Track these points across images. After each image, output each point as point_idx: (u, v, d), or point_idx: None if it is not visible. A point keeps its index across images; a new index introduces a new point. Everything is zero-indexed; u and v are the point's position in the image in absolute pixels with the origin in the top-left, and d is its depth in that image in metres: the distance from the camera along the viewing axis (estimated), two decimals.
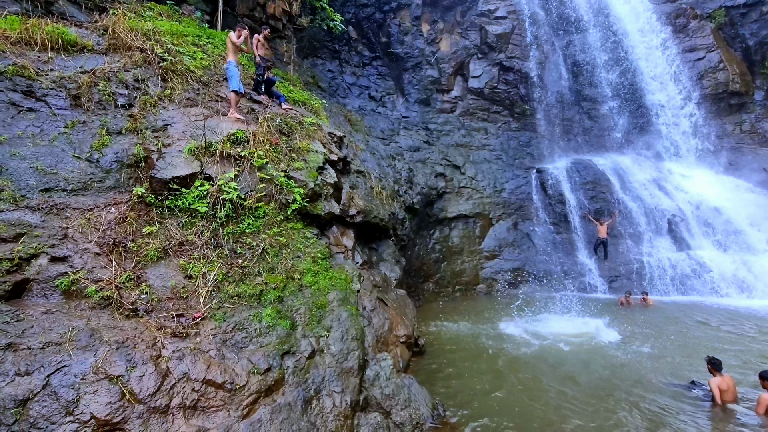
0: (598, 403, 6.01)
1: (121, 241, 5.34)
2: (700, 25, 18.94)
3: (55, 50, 7.22)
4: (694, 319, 10.87)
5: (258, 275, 5.76)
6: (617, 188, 16.79)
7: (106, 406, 3.58)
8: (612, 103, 19.57)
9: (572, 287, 15.32)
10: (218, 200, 6.24)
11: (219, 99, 8.60)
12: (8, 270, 4.27)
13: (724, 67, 18.18)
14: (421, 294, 14.14)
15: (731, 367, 6.94)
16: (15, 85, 6.26)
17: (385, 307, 7.43)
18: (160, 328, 4.46)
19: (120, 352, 3.97)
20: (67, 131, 6.28)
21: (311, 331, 5.40)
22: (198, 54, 9.41)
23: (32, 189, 5.37)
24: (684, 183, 17.18)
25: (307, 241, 6.85)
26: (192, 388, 4.04)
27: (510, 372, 7.24)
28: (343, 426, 4.62)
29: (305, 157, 7.89)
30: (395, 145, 16.79)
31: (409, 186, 15.24)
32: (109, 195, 5.99)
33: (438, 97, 19.63)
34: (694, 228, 15.61)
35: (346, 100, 17.66)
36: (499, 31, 19.10)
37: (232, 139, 7.25)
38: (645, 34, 19.47)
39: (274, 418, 4.21)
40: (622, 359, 7.86)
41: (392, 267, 10.20)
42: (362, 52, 19.03)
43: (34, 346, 3.75)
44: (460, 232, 16.27)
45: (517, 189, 17.62)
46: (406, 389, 5.55)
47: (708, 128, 18.43)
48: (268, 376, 4.53)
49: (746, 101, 18.29)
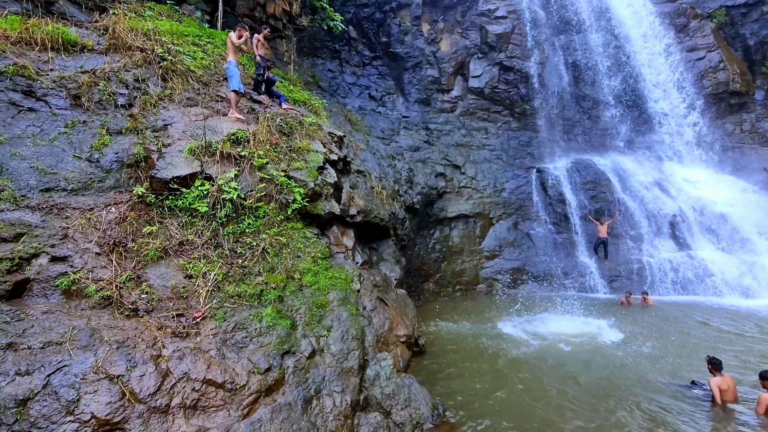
0: (599, 403, 6.01)
1: (122, 240, 5.34)
2: (701, 24, 18.93)
3: (56, 50, 7.22)
4: (694, 319, 10.87)
5: (258, 275, 5.76)
6: (618, 188, 16.79)
7: (107, 406, 3.58)
8: (614, 111, 19.51)
9: (572, 287, 15.31)
10: (218, 200, 6.24)
11: (219, 99, 8.60)
12: (8, 270, 4.27)
13: (725, 67, 18.17)
14: (422, 294, 14.14)
15: (731, 367, 6.93)
16: (15, 85, 6.26)
17: (386, 306, 7.43)
18: (161, 328, 4.47)
19: (120, 352, 3.97)
20: (68, 131, 6.28)
21: (311, 331, 5.40)
22: (198, 54, 9.41)
23: (32, 189, 5.37)
24: (684, 183, 17.18)
25: (308, 240, 6.85)
26: (192, 388, 4.04)
27: (510, 372, 7.24)
28: (343, 426, 4.62)
29: (305, 157, 7.89)
30: (395, 144, 16.79)
31: (410, 186, 15.24)
32: (109, 195, 5.99)
33: (438, 96, 19.63)
34: (695, 228, 15.60)
35: (346, 100, 17.65)
36: (500, 31, 19.09)
37: (233, 138, 7.25)
38: (648, 40, 19.35)
39: (275, 418, 4.21)
40: (623, 359, 7.86)
41: (392, 267, 10.20)
42: (362, 51, 19.02)
43: (35, 346, 3.75)
44: (460, 232, 16.27)
45: (518, 189, 17.61)
46: (406, 389, 5.55)
47: (708, 129, 18.42)
48: (268, 375, 4.54)
49: (747, 101, 18.28)
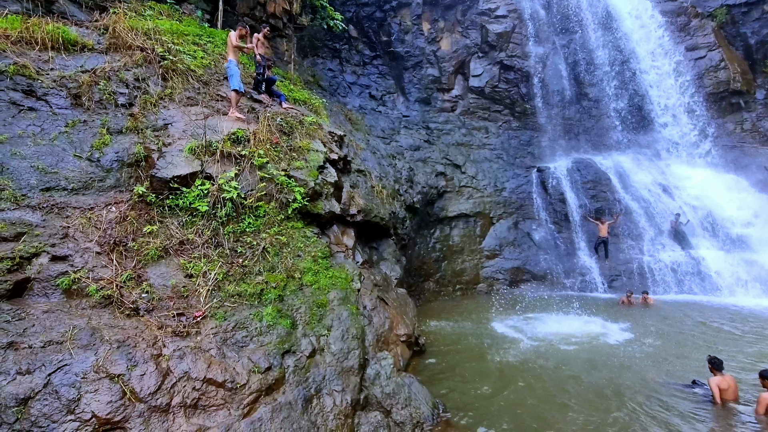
0: (600, 403, 6.01)
1: (122, 240, 5.35)
2: (701, 23, 18.89)
3: (56, 49, 7.22)
4: (694, 318, 10.86)
5: (258, 274, 5.76)
6: (618, 188, 16.77)
7: (107, 405, 3.58)
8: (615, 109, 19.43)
9: (573, 286, 15.31)
10: (219, 199, 6.24)
11: (219, 98, 8.60)
12: (9, 269, 4.27)
13: (726, 66, 18.12)
14: (422, 293, 14.15)
15: (731, 368, 6.93)
16: (16, 84, 6.26)
17: (386, 306, 7.43)
18: (161, 327, 4.47)
19: (121, 351, 3.98)
20: (68, 130, 6.29)
21: (312, 330, 5.41)
22: (198, 53, 9.41)
23: (33, 188, 5.37)
24: (685, 182, 17.14)
25: (308, 240, 6.85)
26: (193, 387, 4.05)
27: (511, 371, 7.24)
28: (343, 425, 4.62)
29: (306, 156, 7.89)
30: (396, 144, 16.79)
31: (410, 185, 15.24)
32: (109, 194, 6.00)
33: (438, 96, 19.61)
34: (695, 227, 15.58)
35: (346, 99, 17.65)
36: (500, 30, 19.06)
37: (233, 138, 7.25)
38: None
39: (275, 417, 4.21)
40: (624, 358, 7.86)
41: (393, 266, 10.20)
42: (363, 51, 19.01)
43: (36, 345, 3.76)
44: (460, 232, 16.27)
45: (518, 188, 17.60)
46: (406, 388, 5.55)
47: (709, 128, 18.38)
48: (268, 374, 4.54)
49: (747, 100, 18.23)
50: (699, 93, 18.42)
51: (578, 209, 16.71)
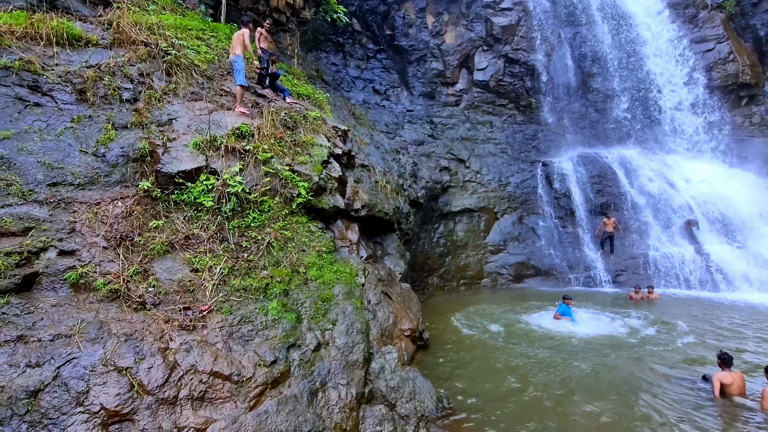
0: (609, 396, 6.00)
1: (128, 234, 5.38)
2: (710, 15, 18.60)
3: (61, 45, 7.23)
4: (702, 313, 10.80)
5: (263, 269, 5.79)
6: (624, 182, 16.63)
7: (116, 398, 3.63)
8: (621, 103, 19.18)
9: (578, 281, 15.26)
10: (223, 194, 6.26)
11: (223, 93, 8.59)
12: (18, 263, 4.32)
13: (734, 59, 17.85)
14: (426, 288, 14.15)
15: (741, 363, 6.91)
16: (21, 80, 6.29)
17: (390, 300, 7.45)
18: (168, 321, 4.51)
19: (128, 345, 4.02)
20: (74, 126, 6.31)
21: (317, 324, 5.43)
22: (202, 48, 9.39)
23: (40, 183, 5.41)
24: (692, 176, 16.96)
25: (312, 235, 6.86)
26: (199, 380, 4.08)
27: (515, 365, 7.24)
28: (348, 418, 4.65)
29: (310, 151, 7.88)
30: (400, 138, 16.72)
31: (414, 180, 15.19)
32: (115, 189, 6.03)
33: (443, 90, 19.48)
34: (702, 222, 15.44)
35: (350, 94, 17.58)
36: (505, 23, 18.86)
37: (237, 133, 7.25)
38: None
39: (281, 410, 4.25)
40: (632, 352, 7.82)
41: (397, 261, 10.20)
42: (366, 44, 18.89)
43: (45, 339, 3.80)
44: (464, 226, 16.22)
45: (523, 183, 17.51)
46: (410, 382, 5.58)
47: (717, 121, 18.15)
48: (274, 368, 4.57)
49: (756, 93, 17.97)
50: (707, 86, 18.19)
51: (584, 204, 16.60)
